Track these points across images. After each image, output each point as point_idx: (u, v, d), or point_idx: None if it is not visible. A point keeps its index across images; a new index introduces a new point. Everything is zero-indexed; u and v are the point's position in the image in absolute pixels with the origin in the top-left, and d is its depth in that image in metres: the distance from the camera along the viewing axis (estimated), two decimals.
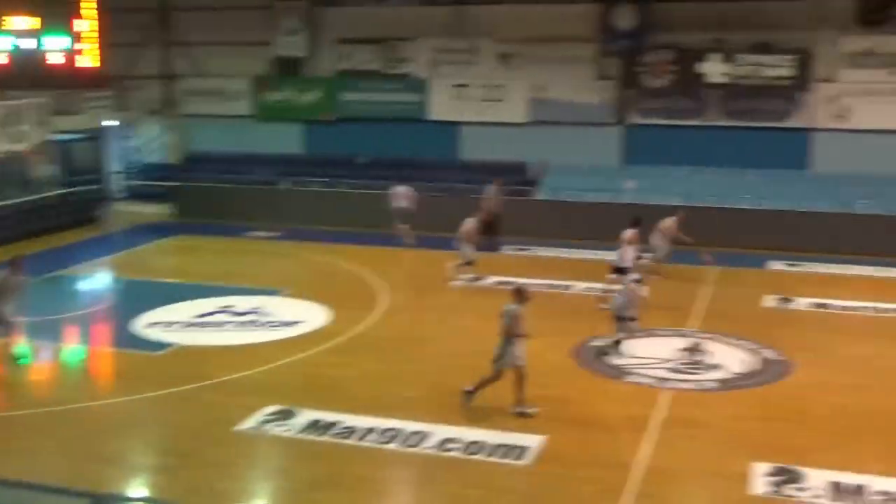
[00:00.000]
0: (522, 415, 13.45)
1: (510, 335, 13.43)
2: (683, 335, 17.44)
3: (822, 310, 19.27)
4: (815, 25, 25.62)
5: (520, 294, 13.74)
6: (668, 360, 16.07)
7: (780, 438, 12.92)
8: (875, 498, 11.21)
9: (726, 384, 15.05)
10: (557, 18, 27.54)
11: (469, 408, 13.60)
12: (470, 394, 13.69)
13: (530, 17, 27.83)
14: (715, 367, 15.81)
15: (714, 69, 25.80)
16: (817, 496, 11.24)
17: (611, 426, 13.36)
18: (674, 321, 18.24)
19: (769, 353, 16.37)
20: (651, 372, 15.53)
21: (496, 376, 13.60)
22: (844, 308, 19.32)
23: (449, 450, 12.41)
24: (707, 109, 26.89)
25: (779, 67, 25.46)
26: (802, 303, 19.66)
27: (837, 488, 11.41)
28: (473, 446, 12.46)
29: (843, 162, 25.68)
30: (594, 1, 27.37)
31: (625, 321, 16.38)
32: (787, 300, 19.84)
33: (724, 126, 26.68)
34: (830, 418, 13.72)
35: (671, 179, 26.83)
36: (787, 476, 11.69)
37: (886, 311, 19.15)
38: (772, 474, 11.75)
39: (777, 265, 22.87)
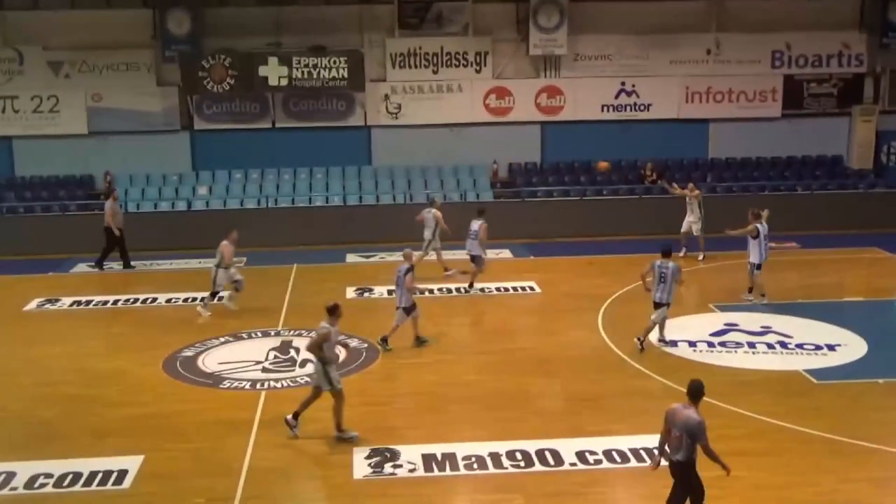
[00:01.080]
0: (344, 440, 12.92)
1: (322, 357, 12.89)
2: (272, 335, 17.72)
3: None
4: (365, 28, 27.08)
5: (335, 310, 13.21)
6: (260, 362, 16.24)
7: (377, 421, 13.62)
8: (464, 462, 12.24)
9: None
10: (110, 25, 26.55)
11: (296, 436, 12.98)
12: (294, 420, 13.09)
13: (81, 23, 26.51)
14: (306, 361, 16.16)
15: (273, 72, 26.31)
16: (413, 470, 12.04)
17: (214, 434, 13.26)
18: (262, 322, 18.45)
19: (356, 343, 17.09)
20: (245, 375, 15.60)
21: (316, 396, 13.12)
22: (420, 292, 20.56)
23: (41, 486, 11.61)
24: (271, 112, 27.39)
25: (334, 69, 26.55)
26: (381, 291, 20.74)
27: (431, 459, 12.30)
28: (67, 478, 11.77)
29: (398, 155, 27.48)
30: (146, 6, 26.73)
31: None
32: (366, 290, 20.82)
33: (289, 127, 27.35)
34: (419, 395, 14.71)
35: (244, 182, 27.12)
36: (384, 456, 12.38)
37: (455, 290, 20.77)
38: (371, 457, 12.38)
39: (354, 258, 23.92)
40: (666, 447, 10.27)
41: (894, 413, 13.82)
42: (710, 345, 16.86)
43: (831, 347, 16.60)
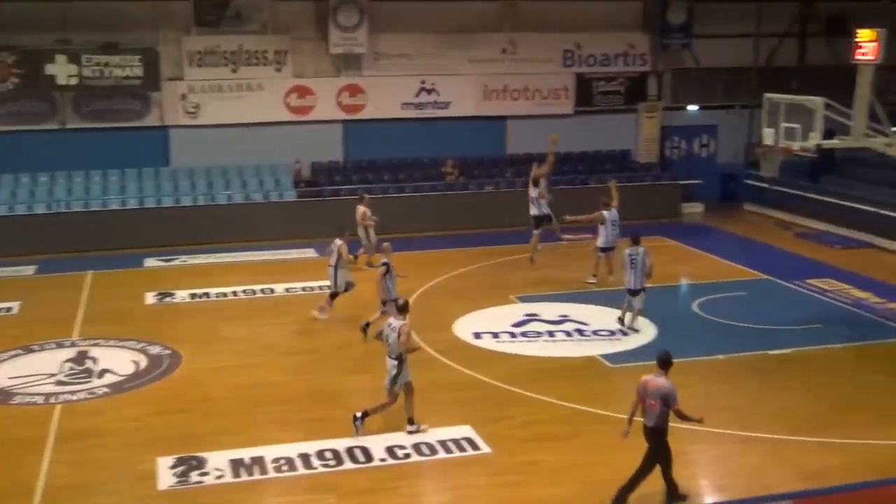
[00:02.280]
0: (416, 432, 12.99)
1: (401, 352, 12.96)
2: (67, 345, 16.97)
3: (202, 299, 20.03)
4: (159, 25, 26.26)
5: (406, 307, 13.38)
6: (54, 374, 15.53)
7: (183, 429, 13.31)
8: (274, 465, 12.15)
9: (119, 387, 15.00)
10: None
11: (359, 434, 12.91)
12: (362, 418, 13.05)
13: None
14: (104, 372, 15.64)
15: (62, 71, 25.14)
16: (221, 476, 11.85)
17: (4, 454, 12.58)
18: (55, 332, 17.62)
19: (157, 349, 16.64)
20: (38, 389, 14.88)
21: (393, 400, 13.21)
22: (223, 295, 20.31)
23: None
24: (60, 112, 26.14)
25: (128, 67, 25.63)
26: (182, 295, 20.22)
27: (238, 464, 12.13)
28: None
29: (197, 156, 26.83)
30: None
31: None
32: (167, 295, 20.26)
33: (80, 128, 26.17)
34: (227, 399, 14.47)
35: (32, 187, 25.73)
36: (190, 464, 12.13)
37: (260, 292, 20.52)
38: (175, 466, 12.10)
39: (153, 262, 23.19)
40: (633, 417, 11.10)
41: (682, 391, 14.63)
42: (513, 335, 17.39)
43: (624, 333, 17.44)
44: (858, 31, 18.53)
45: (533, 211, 22.56)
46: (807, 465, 12.03)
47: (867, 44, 18.21)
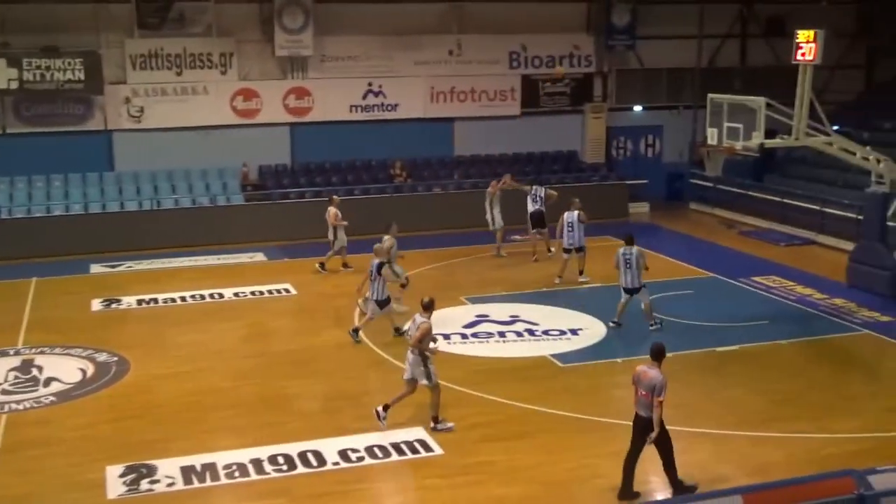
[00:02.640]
0: (444, 430, 13.17)
1: (423, 351, 13.14)
2: (11, 354, 16.68)
3: (150, 305, 19.81)
4: (101, 28, 25.92)
5: (431, 305, 13.50)
6: None
7: (132, 436, 13.16)
8: (225, 471, 12.06)
9: (66, 395, 14.78)
10: None
11: (384, 427, 13.15)
12: (384, 411, 13.26)
13: None
14: (51, 380, 15.40)
15: (1, 75, 24.70)
16: (172, 484, 11.74)
17: None
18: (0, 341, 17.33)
19: (105, 356, 16.43)
20: None
21: (411, 391, 13.44)
22: (171, 300, 20.10)
23: None
24: (1, 117, 25.67)
25: (69, 70, 25.27)
26: (129, 301, 19.98)
27: (190, 471, 12.03)
28: None
29: (142, 160, 26.51)
30: None
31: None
32: (114, 301, 20.00)
33: (22, 133, 25.74)
34: (176, 406, 14.32)
35: None
36: (140, 473, 11.99)
37: (209, 297, 20.36)
38: (125, 474, 11.95)
39: (99, 268, 22.88)
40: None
41: (631, 389, 14.82)
42: (464, 336, 17.45)
43: (574, 332, 17.60)
44: (798, 32, 18.86)
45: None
46: (753, 460, 12.24)
47: (807, 45, 18.56)
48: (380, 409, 13.32)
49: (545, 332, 17.60)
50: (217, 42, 26.79)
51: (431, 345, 13.54)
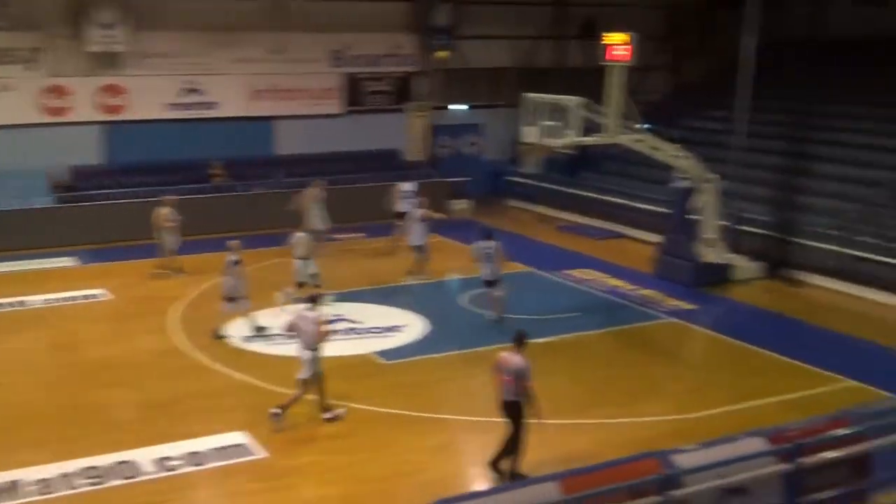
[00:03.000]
0: (335, 419, 13.40)
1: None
2: None
3: None
4: None
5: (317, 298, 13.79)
6: None
7: None
8: (31, 488, 11.49)
9: None
10: None
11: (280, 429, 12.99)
12: (279, 414, 13.19)
13: None
14: None
15: None
16: None
17: None
18: None
19: None
20: None
21: (305, 391, 13.45)
22: None
23: None
24: None
25: None
26: None
27: None
28: None
29: None
30: None
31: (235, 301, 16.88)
32: None
33: None
34: None
35: None
36: None
37: (18, 304, 19.36)
38: None
39: None
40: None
41: (452, 383, 15.10)
42: (286, 337, 17.23)
43: (397, 329, 17.72)
44: (606, 34, 19.61)
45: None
46: (568, 447, 12.64)
47: (619, 46, 19.31)
48: (276, 409, 13.26)
49: (368, 330, 17.64)
50: (23, 36, 25.43)
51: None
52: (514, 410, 11.70)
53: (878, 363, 16.09)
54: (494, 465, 11.83)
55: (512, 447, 11.78)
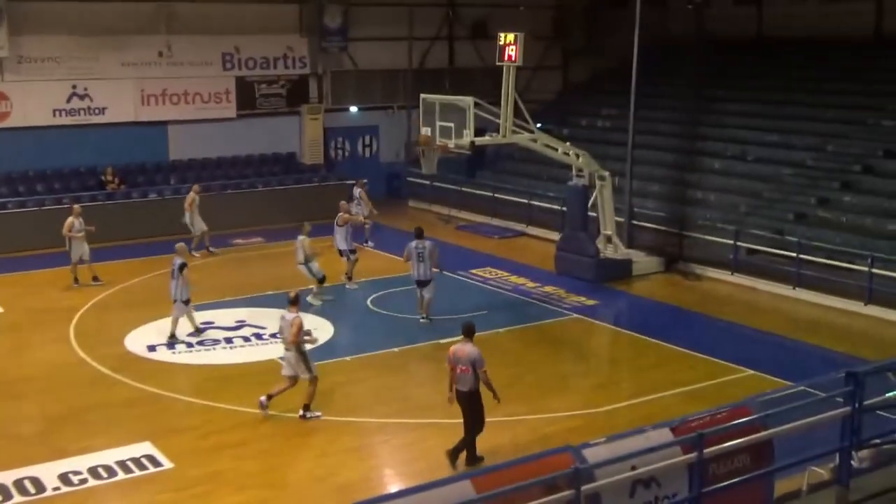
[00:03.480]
0: (313, 418, 13.59)
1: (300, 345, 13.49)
2: None
3: None
4: None
5: (297, 300, 13.91)
6: None
7: None
8: None
9: None
10: None
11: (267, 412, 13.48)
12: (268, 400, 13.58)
13: None
14: None
15: None
16: None
17: None
18: None
19: None
20: None
21: (292, 384, 13.74)
22: None
23: None
24: None
25: None
26: None
27: None
28: None
29: None
30: None
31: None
32: None
33: None
34: None
35: None
36: None
37: None
38: None
39: None
40: (452, 384, 12.17)
41: (360, 385, 15.11)
42: (189, 345, 17.01)
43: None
44: (501, 34, 19.83)
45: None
46: (480, 445, 12.76)
47: (509, 47, 19.56)
48: (263, 398, 13.61)
49: (273, 336, 17.40)
50: None
51: (307, 336, 13.88)
52: (472, 399, 12.10)
53: (774, 352, 16.74)
54: (469, 444, 12.18)
55: (472, 436, 12.14)
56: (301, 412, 13.68)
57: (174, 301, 17.04)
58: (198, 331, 17.35)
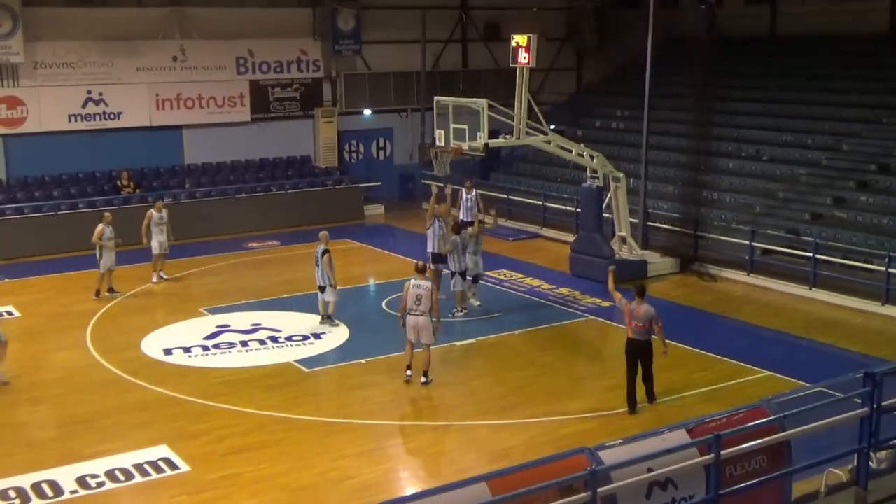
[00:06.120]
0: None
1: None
2: None
3: None
4: None
5: (425, 268, 15.33)
6: None
7: None
8: None
9: None
10: None
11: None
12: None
13: None
14: None
15: None
16: None
17: None
18: None
19: None
20: None
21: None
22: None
23: None
24: None
25: None
26: None
27: None
28: None
29: None
30: None
31: None
32: None
33: None
34: None
35: None
36: None
37: None
38: None
39: None
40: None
41: (376, 389, 15.10)
42: (205, 348, 17.05)
43: (317, 336, 17.64)
44: (514, 36, 19.81)
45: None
46: (494, 447, 12.80)
47: (522, 48, 19.55)
48: (409, 372, 15.02)
49: (288, 339, 17.51)
50: None
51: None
52: (646, 349, 13.80)
53: (790, 353, 16.67)
54: (649, 388, 14.05)
55: (652, 378, 14.03)
56: (423, 378, 14.89)
57: (319, 286, 17.78)
58: (327, 318, 18.05)
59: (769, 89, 27.69)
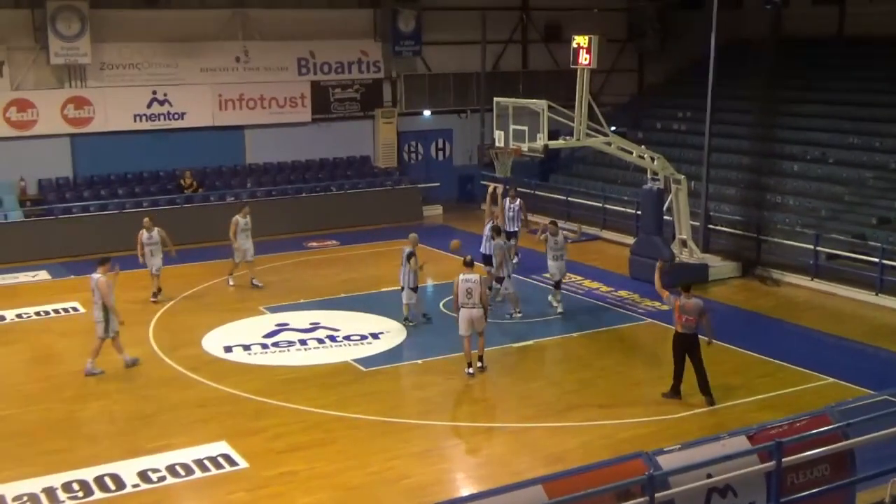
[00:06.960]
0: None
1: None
2: None
3: None
4: None
5: (473, 262, 15.75)
6: None
7: None
8: (15, 503, 11.40)
9: None
10: None
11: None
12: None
13: None
14: None
15: None
16: None
17: None
18: None
19: None
20: None
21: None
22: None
23: None
24: None
25: None
26: None
27: None
28: None
29: None
30: None
31: None
32: None
33: None
34: None
35: None
36: None
37: None
38: None
39: None
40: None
41: (432, 389, 15.13)
42: (265, 346, 17.22)
43: (375, 336, 17.71)
44: (575, 37, 19.69)
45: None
46: (549, 450, 12.73)
47: (583, 49, 19.43)
48: (470, 370, 15.33)
49: (346, 338, 17.62)
50: None
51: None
52: (694, 341, 13.93)
53: (855, 360, 16.30)
54: (702, 380, 14.21)
55: (704, 370, 14.13)
56: (480, 364, 15.43)
57: (402, 288, 17.99)
58: (409, 320, 18.14)
59: (835, 91, 27.17)
